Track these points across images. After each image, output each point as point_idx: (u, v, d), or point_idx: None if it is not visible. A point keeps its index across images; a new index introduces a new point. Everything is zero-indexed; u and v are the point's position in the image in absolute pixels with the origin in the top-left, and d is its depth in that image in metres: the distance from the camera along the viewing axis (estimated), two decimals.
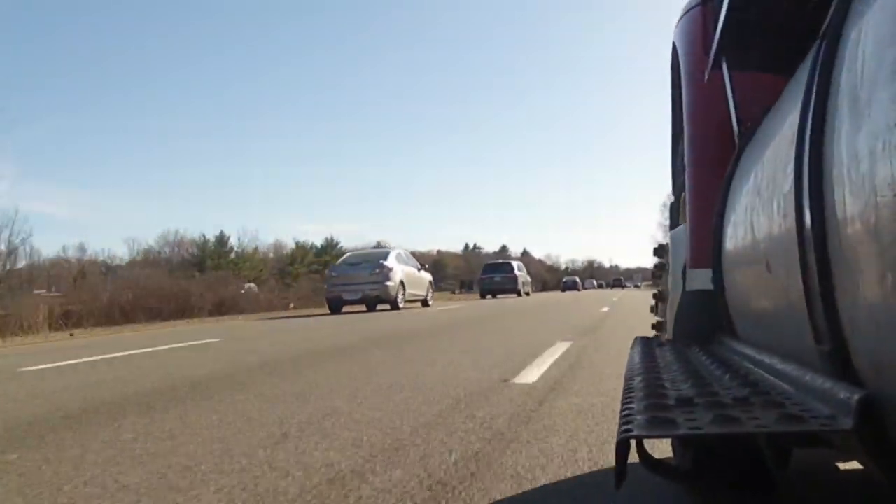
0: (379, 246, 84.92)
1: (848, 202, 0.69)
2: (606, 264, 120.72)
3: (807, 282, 0.84)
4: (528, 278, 30.97)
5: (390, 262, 16.47)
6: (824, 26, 0.87)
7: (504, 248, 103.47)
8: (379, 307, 16.79)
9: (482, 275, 29.42)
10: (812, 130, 0.80)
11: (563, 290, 49.37)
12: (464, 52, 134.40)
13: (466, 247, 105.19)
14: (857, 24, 0.72)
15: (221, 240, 73.66)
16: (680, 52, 2.23)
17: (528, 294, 29.43)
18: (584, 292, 43.93)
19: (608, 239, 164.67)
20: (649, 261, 2.48)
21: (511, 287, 27.96)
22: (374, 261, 16.63)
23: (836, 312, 0.77)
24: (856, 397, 0.70)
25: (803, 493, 1.80)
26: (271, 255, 78.91)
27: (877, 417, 0.69)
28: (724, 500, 1.68)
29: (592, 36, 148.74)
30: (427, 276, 19.08)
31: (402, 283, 16.47)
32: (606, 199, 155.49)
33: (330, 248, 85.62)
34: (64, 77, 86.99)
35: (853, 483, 1.88)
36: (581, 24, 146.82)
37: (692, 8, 2.18)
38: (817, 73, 0.82)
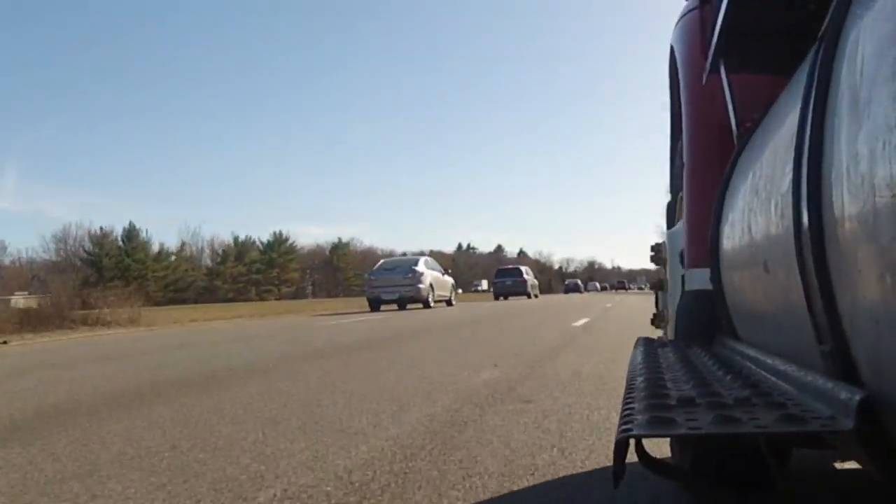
0: (340, 242, 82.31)
1: (847, 202, 0.69)
2: (608, 265, 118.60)
3: (806, 282, 0.84)
4: (536, 282, 33.56)
5: (420, 267, 19.53)
6: (823, 27, 0.87)
7: (499, 248, 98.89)
8: (409, 306, 19.41)
9: (496, 279, 32.60)
10: (811, 131, 0.81)
11: (566, 291, 52.00)
12: (457, 50, 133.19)
13: (459, 246, 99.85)
14: (857, 26, 0.72)
15: (130, 234, 60.66)
16: (678, 54, 2.24)
17: (536, 296, 31.60)
18: (585, 294, 45.15)
19: (610, 240, 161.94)
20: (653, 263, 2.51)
21: (521, 290, 30.41)
22: (407, 266, 19.60)
23: (837, 312, 0.77)
24: (856, 398, 0.70)
25: (803, 493, 1.81)
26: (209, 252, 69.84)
27: (877, 418, 0.69)
28: (724, 499, 1.68)
29: (590, 31, 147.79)
30: (450, 280, 22.05)
31: (431, 285, 19.50)
32: (609, 199, 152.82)
33: (278, 244, 75.25)
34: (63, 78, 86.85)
35: (853, 483, 1.88)
36: (578, 20, 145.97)
37: (690, 10, 2.18)
38: (816, 73, 0.82)
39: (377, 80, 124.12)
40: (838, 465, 1.97)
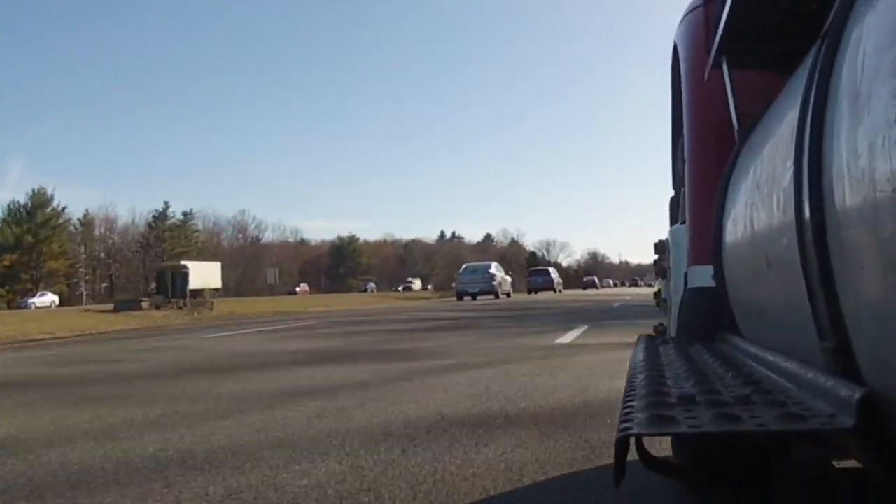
0: (163, 213, 66.57)
1: (848, 197, 0.69)
2: (615, 260, 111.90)
3: (808, 278, 0.84)
4: (560, 280, 42.52)
5: (493, 270, 28.60)
6: (826, 25, 0.87)
7: (488, 237, 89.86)
8: (480, 298, 26.61)
9: (528, 277, 41.97)
10: (812, 126, 0.80)
11: (584, 288, 57.51)
12: (438, 36, 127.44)
13: (442, 235, 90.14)
14: (859, 24, 0.72)
15: None
16: (681, 51, 2.24)
17: (560, 291, 39.22)
18: (600, 290, 49.95)
19: (617, 233, 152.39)
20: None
21: (550, 286, 39.10)
22: (483, 270, 28.84)
23: (839, 309, 0.77)
24: (857, 395, 0.70)
25: (803, 493, 1.80)
26: None
27: (878, 416, 0.69)
28: (724, 498, 1.68)
29: (590, 20, 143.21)
30: (509, 279, 31.39)
31: (499, 282, 28.20)
32: (617, 190, 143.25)
33: (37, 206, 45.82)
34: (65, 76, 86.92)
35: (853, 483, 1.88)
36: (575, 14, 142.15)
37: (694, 9, 2.19)
38: (818, 69, 0.82)
39: (355, 68, 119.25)
40: (838, 464, 1.97)
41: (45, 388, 4.64)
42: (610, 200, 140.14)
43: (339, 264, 79.18)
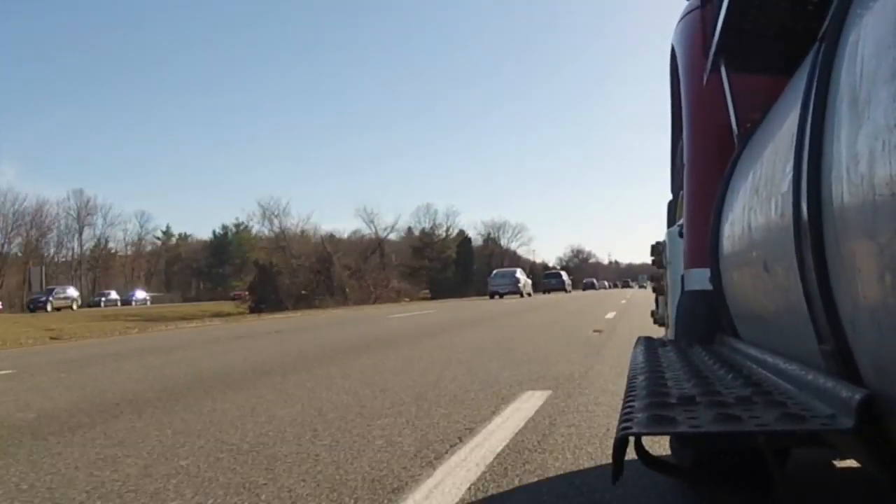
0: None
1: (846, 201, 0.70)
2: (604, 261, 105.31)
3: (806, 281, 0.84)
4: (570, 281, 48.30)
5: (518, 275, 35.41)
6: (823, 28, 0.88)
7: (462, 233, 76.19)
8: (507, 297, 31.81)
9: (543, 279, 46.83)
10: (811, 130, 0.81)
11: (584, 289, 59.84)
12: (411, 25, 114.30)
13: (409, 232, 68.07)
14: (857, 26, 0.72)
15: None
16: (679, 53, 2.25)
17: (569, 291, 44.72)
18: (600, 291, 51.40)
19: (605, 233, 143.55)
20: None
21: (561, 287, 44.72)
22: (511, 274, 35.68)
23: (837, 312, 0.77)
24: (857, 397, 0.70)
25: (803, 493, 1.81)
26: None
27: (878, 417, 0.69)
28: (724, 499, 1.68)
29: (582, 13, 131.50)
30: (529, 281, 38.13)
31: (524, 284, 34.74)
32: (604, 187, 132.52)
33: None
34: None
35: (853, 483, 1.89)
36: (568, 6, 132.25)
37: (691, 11, 2.19)
38: (817, 74, 0.83)
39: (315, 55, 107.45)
40: (838, 464, 1.98)
41: None
42: (591, 194, 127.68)
43: (224, 262, 61.41)
